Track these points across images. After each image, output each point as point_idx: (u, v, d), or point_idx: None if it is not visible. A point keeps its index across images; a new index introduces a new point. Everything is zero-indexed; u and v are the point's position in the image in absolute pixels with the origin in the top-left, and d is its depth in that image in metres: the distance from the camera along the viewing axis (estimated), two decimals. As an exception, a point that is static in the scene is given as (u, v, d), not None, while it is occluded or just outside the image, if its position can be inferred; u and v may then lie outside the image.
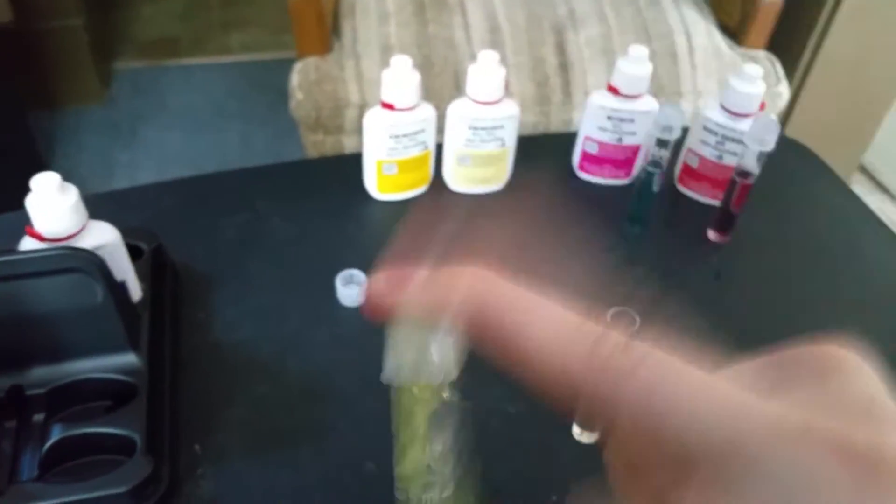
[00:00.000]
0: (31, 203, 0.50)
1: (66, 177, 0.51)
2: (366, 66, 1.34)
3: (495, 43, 1.35)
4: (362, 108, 1.32)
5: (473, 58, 1.34)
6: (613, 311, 0.45)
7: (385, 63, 1.39)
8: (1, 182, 1.62)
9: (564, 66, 1.34)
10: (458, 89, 1.32)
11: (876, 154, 1.87)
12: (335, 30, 1.41)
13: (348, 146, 1.34)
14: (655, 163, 0.66)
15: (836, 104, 1.62)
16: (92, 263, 0.50)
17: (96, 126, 2.06)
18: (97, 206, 0.55)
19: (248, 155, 1.98)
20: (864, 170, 1.96)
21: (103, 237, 0.53)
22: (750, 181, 0.66)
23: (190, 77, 2.25)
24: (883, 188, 1.94)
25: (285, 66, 1.39)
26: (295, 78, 1.34)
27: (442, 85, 1.34)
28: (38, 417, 0.53)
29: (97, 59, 2.08)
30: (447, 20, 1.38)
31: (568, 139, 0.77)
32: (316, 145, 1.39)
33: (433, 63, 1.32)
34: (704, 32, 1.37)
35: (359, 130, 1.37)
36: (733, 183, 0.67)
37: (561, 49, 1.35)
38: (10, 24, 1.80)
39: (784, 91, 1.36)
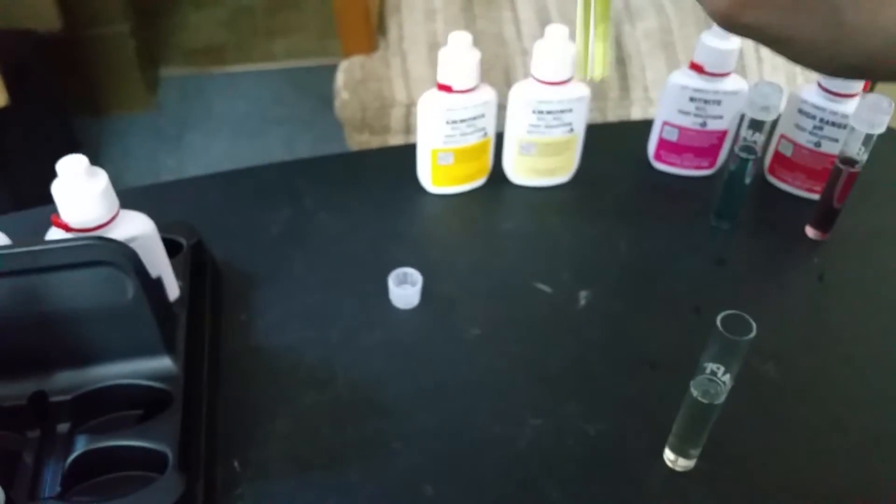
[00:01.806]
0: (57, 189, 0.45)
1: (112, 183, 0.46)
2: (412, 63, 1.29)
3: (549, 38, 1.29)
4: (409, 108, 1.27)
5: (525, 53, 1.28)
6: (725, 315, 0.38)
7: (432, 61, 1.34)
8: (45, 188, 1.62)
9: (621, 61, 1.27)
10: (508, 86, 1.26)
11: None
12: (381, 28, 1.37)
13: (395, 147, 1.29)
14: (749, 148, 0.58)
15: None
16: (123, 256, 0.44)
17: (142, 132, 2.05)
18: (135, 199, 0.51)
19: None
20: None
21: (137, 228, 0.48)
22: (856, 169, 0.58)
23: (235, 84, 2.23)
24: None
25: (329, 72, 1.35)
26: (340, 77, 1.30)
27: (492, 82, 1.28)
28: (63, 427, 0.47)
29: (144, 66, 2.07)
30: (496, 15, 1.32)
31: (641, 126, 0.70)
32: (361, 146, 1.34)
33: (482, 60, 1.26)
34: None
35: (405, 130, 1.32)
36: (837, 172, 0.59)
37: (617, 42, 1.28)
38: (60, 32, 1.79)
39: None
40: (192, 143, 2.02)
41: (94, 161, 0.46)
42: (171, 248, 0.55)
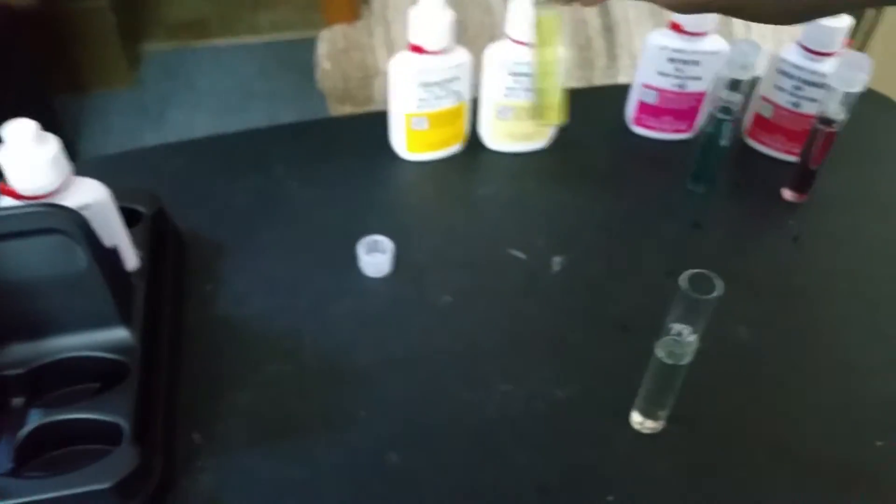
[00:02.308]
0: (5, 155, 0.43)
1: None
2: (396, 33, 1.26)
3: (533, 5, 1.27)
4: (392, 78, 1.24)
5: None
6: (691, 274, 0.37)
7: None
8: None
9: (609, 28, 1.24)
10: (493, 56, 1.24)
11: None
12: (364, -4, 1.34)
13: (378, 118, 1.27)
14: (726, 109, 0.57)
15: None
16: (73, 223, 0.43)
17: (124, 108, 2.02)
18: (101, 168, 0.49)
19: (277, 135, 1.93)
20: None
21: (90, 195, 0.46)
22: (834, 129, 0.57)
23: (218, 58, 2.20)
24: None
25: (314, 45, 1.33)
26: (322, 47, 1.27)
27: (477, 51, 1.26)
28: (18, 401, 0.46)
29: (125, 42, 2.04)
30: (482, -17, 1.30)
31: (620, 91, 0.68)
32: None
33: (467, 28, 1.23)
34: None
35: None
36: (814, 133, 0.58)
37: (604, 10, 1.25)
38: (36, 5, 1.76)
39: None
40: (174, 119, 1.99)
41: (76, 139, 0.45)
42: (133, 217, 0.54)
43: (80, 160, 0.46)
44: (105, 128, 1.94)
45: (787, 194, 0.62)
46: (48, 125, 0.44)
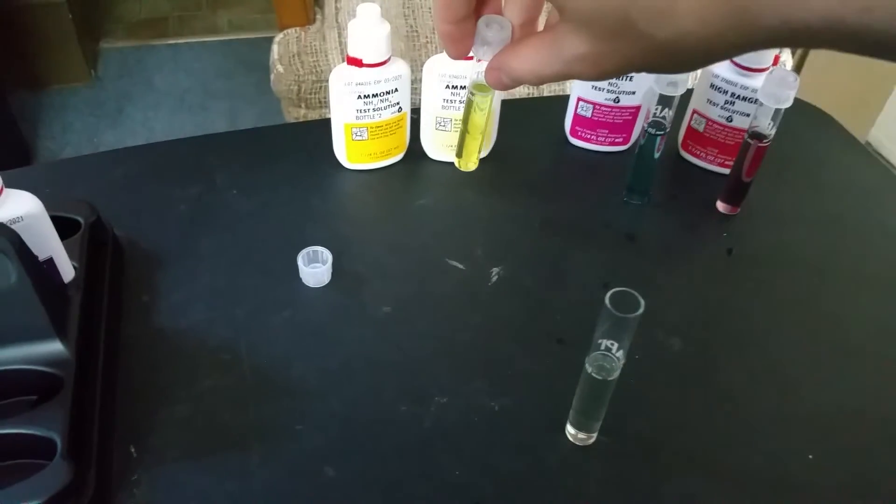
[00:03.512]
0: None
1: (51, 158, 0.45)
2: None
3: (488, 10, 1.28)
4: (348, 81, 1.24)
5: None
6: (613, 292, 0.38)
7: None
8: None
9: (562, 35, 1.26)
10: (449, 60, 1.24)
11: (882, 129, 1.79)
12: (317, 0, 1.34)
13: (334, 121, 1.27)
14: (657, 124, 0.59)
15: (843, 73, 1.53)
16: (2, 238, 0.43)
17: (82, 106, 1.99)
18: (38, 176, 0.49)
19: (236, 135, 1.91)
20: (868, 146, 1.88)
21: (21, 208, 0.46)
22: (764, 144, 0.59)
23: (177, 56, 2.18)
24: (890, 165, 1.86)
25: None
26: (275, 50, 1.27)
27: (428, 55, 1.26)
28: (-50, 416, 0.46)
29: (82, 39, 2.01)
30: (438, -13, 1.30)
31: (559, 102, 0.70)
32: (298, 121, 1.31)
33: (419, 33, 1.24)
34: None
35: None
36: (745, 147, 0.60)
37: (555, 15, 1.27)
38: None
39: (787, 60, 1.28)
40: (131, 118, 1.97)
41: (33, 136, 0.45)
42: (69, 226, 0.53)
43: (37, 159, 0.45)
44: (63, 125, 1.91)
45: (721, 206, 0.64)
46: (4, 122, 0.44)
